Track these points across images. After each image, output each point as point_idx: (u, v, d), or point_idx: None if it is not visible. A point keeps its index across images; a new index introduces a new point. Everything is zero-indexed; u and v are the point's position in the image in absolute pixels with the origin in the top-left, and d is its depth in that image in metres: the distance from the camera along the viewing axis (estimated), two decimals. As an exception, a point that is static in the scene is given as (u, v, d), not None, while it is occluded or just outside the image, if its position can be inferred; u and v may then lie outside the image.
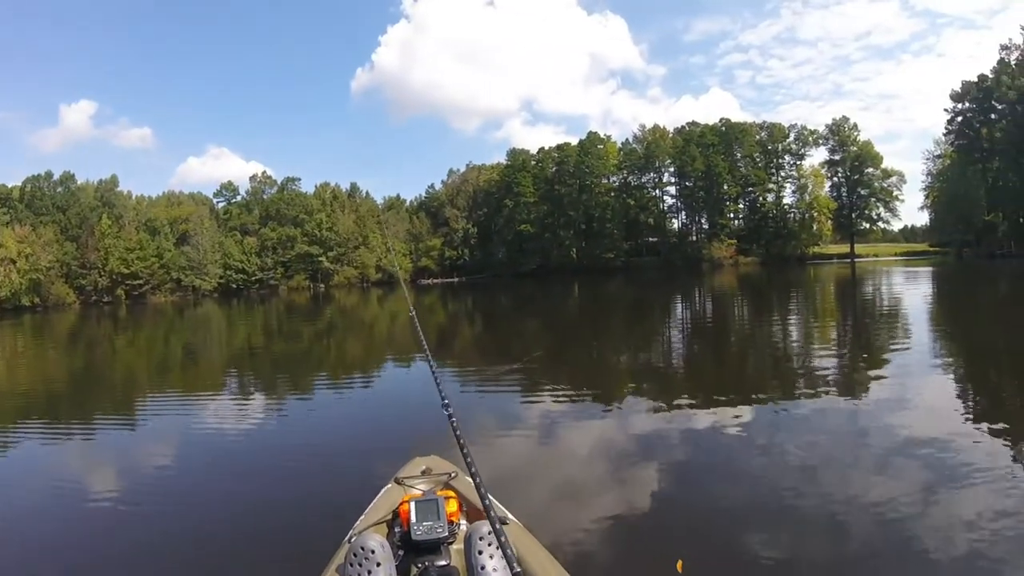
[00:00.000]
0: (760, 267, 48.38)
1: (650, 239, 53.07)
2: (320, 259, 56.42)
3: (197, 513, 3.83)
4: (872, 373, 8.09)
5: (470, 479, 2.21)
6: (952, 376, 7.93)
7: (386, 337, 17.04)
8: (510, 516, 2.27)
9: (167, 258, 54.01)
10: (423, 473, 2.70)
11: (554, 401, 6.88)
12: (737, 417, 5.68)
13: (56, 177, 57.15)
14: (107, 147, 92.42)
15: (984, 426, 5.34)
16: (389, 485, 2.57)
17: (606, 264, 50.72)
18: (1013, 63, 46.11)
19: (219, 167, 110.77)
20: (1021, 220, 47.80)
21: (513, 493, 3.26)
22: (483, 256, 55.98)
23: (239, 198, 64.29)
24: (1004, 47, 46.32)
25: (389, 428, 6.10)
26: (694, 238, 53.14)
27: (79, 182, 58.16)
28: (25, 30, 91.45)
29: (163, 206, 61.23)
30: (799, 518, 3.31)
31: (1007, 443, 4.80)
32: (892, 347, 10.09)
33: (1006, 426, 5.35)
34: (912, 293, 21.65)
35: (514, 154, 57.12)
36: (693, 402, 6.43)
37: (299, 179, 61.46)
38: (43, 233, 50.49)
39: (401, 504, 2.18)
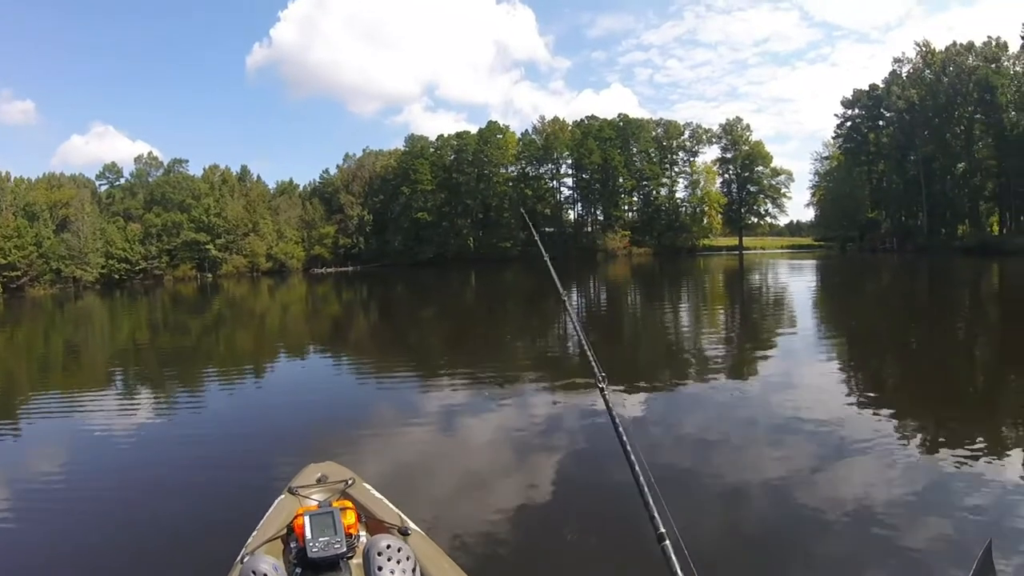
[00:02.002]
0: (652, 258, 52.32)
1: (547, 229, 57.04)
2: (208, 247, 57.26)
3: (74, 528, 3.67)
4: (759, 355, 8.90)
5: (369, 486, 2.40)
6: (835, 358, 8.70)
7: (278, 331, 17.29)
8: (411, 525, 2.23)
9: (46, 247, 53.13)
10: (318, 481, 2.62)
11: (453, 392, 7.12)
12: (630, 402, 6.01)
13: None
14: None
15: (865, 403, 5.98)
16: (282, 496, 2.49)
17: (503, 254, 54.21)
18: (904, 75, 53.44)
19: (103, 146, 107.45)
20: (902, 218, 54.52)
21: (413, 496, 3.37)
22: (379, 245, 58.20)
23: (123, 181, 65.07)
24: (897, 60, 54.00)
25: (282, 431, 5.95)
26: (589, 229, 58.23)
27: None
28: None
29: (43, 189, 60.74)
30: (692, 496, 3.54)
31: (886, 417, 5.37)
32: (778, 332, 11.08)
33: (881, 400, 6.13)
34: (797, 283, 24.10)
35: (413, 140, 61.01)
36: (587, 388, 6.60)
37: (187, 161, 61.87)
38: (-97, 209, 47.49)
39: (296, 518, 2.12)
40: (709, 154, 59.87)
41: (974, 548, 1.50)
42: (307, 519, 2.04)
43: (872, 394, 6.73)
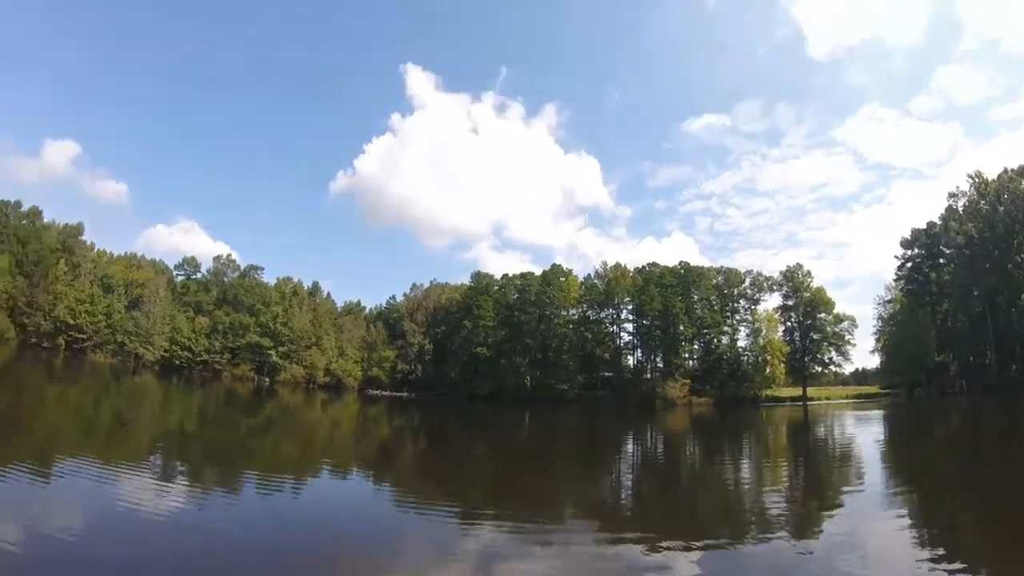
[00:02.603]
0: (713, 408, 52.55)
1: (605, 373, 58.69)
2: (270, 352, 60.53)
3: None
4: (824, 513, 8.76)
5: None
6: (903, 514, 8.46)
7: (324, 444, 17.73)
8: None
9: (115, 318, 57.53)
10: None
11: (494, 532, 7.03)
12: (687, 559, 5.99)
13: (24, 209, 60.08)
14: (81, 194, 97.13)
15: (935, 560, 5.77)
16: None
17: (559, 394, 55.37)
18: (960, 209, 53.94)
19: (186, 240, 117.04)
20: (970, 359, 53.04)
21: None
22: (436, 373, 60.47)
23: (199, 275, 69.97)
24: (952, 195, 54.56)
25: (305, 550, 5.93)
26: (648, 375, 58.91)
27: (45, 220, 63.16)
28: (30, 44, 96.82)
29: (122, 265, 67.48)
30: None
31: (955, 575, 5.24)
32: (844, 488, 10.97)
33: (951, 556, 5.91)
34: (863, 435, 23.94)
35: (479, 277, 64.41)
36: (641, 541, 6.62)
37: (262, 268, 66.79)
38: (-2, 260, 51.45)
39: None
40: (770, 302, 60.96)
41: None
42: None
43: (941, 550, 6.39)
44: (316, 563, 5.31)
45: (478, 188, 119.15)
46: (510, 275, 63.37)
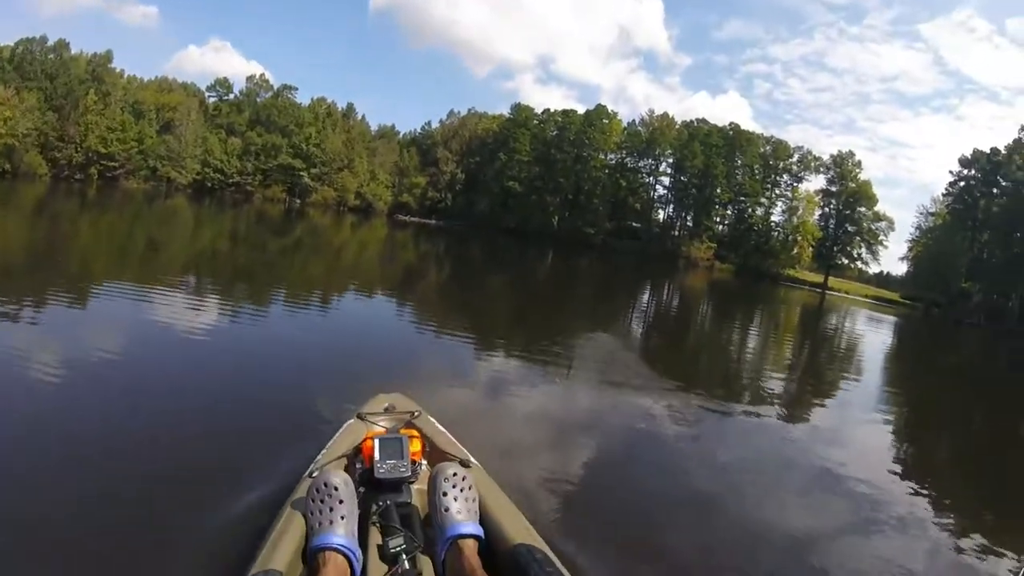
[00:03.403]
0: (733, 276, 53.77)
1: (633, 224, 60.44)
2: (302, 173, 62.12)
3: (143, 427, 3.68)
4: (817, 401, 9.10)
5: (434, 419, 2.77)
6: (892, 421, 8.68)
7: (352, 266, 18.46)
8: (472, 459, 2.48)
9: (147, 144, 59.07)
10: (386, 410, 2.89)
11: (511, 358, 7.68)
12: (678, 412, 6.40)
13: (51, 43, 61.05)
14: (109, 20, 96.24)
15: (910, 476, 5.91)
16: (351, 420, 2.74)
17: (585, 238, 57.14)
18: None
19: (218, 61, 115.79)
20: (995, 296, 54.18)
21: (475, 434, 3.61)
22: (465, 204, 62.15)
23: (232, 96, 70.16)
24: None
25: (353, 360, 6.36)
26: (676, 233, 60.69)
27: (73, 52, 62.30)
28: None
29: (153, 90, 66.12)
30: (713, 523, 3.77)
31: (928, 492, 5.42)
32: (841, 380, 11.26)
33: (927, 475, 6.12)
34: (873, 335, 24.26)
35: (518, 109, 64.14)
36: (639, 388, 7.11)
37: (296, 89, 67.27)
38: (26, 98, 53.22)
39: (365, 440, 2.38)
40: (813, 183, 61.10)
41: None
42: (376, 442, 2.25)
43: (920, 467, 6.71)
44: (356, 374, 5.64)
45: (528, 13, 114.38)
46: (551, 111, 63.49)
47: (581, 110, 62.81)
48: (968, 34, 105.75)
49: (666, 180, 61.49)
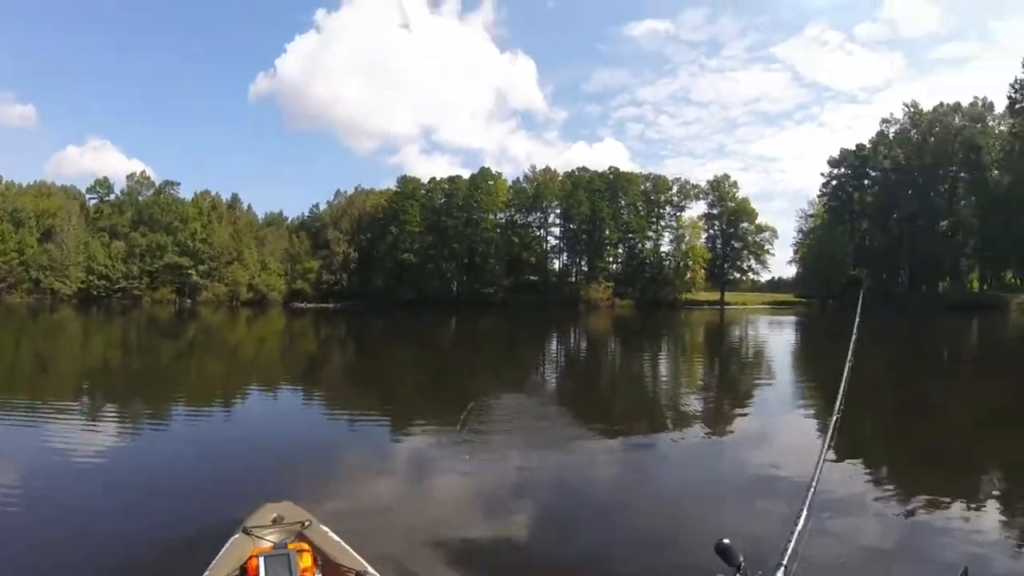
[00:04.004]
0: (635, 310, 60.27)
1: (531, 277, 69.46)
2: (190, 271, 64.74)
3: (15, 541, 3.97)
4: (738, 410, 10.12)
5: (327, 528, 2.75)
6: (812, 414, 9.75)
7: (250, 363, 19.13)
8: (371, 570, 2.40)
9: (28, 255, 58.20)
10: (274, 521, 2.82)
11: (418, 438, 8.09)
12: (607, 453, 6.99)
13: None
14: None
15: (840, 457, 6.62)
16: (236, 535, 2.66)
17: (485, 299, 64.16)
18: (891, 135, 64.02)
19: (98, 160, 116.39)
20: (883, 276, 64.40)
21: (374, 541, 3.61)
22: (361, 283, 67.28)
23: (113, 197, 73.32)
24: (885, 121, 65.32)
25: (241, 466, 6.54)
26: (573, 279, 71.03)
27: None
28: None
29: (32, 196, 72.56)
30: (664, 554, 3.95)
31: (860, 471, 6.29)
32: (756, 385, 12.78)
33: (856, 454, 6.87)
34: (776, 338, 28.13)
35: (405, 181, 73.52)
36: (566, 436, 7.72)
37: (178, 184, 70.80)
38: None
39: (249, 559, 2.25)
40: (695, 209, 71.77)
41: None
42: (261, 561, 2.14)
43: (847, 448, 7.34)
44: (245, 483, 5.62)
45: (408, 88, 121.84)
46: (438, 179, 74.69)
47: (467, 175, 72.65)
48: (821, 47, 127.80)
49: (556, 230, 73.32)
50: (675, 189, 69.04)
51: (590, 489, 5.64)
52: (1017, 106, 54.42)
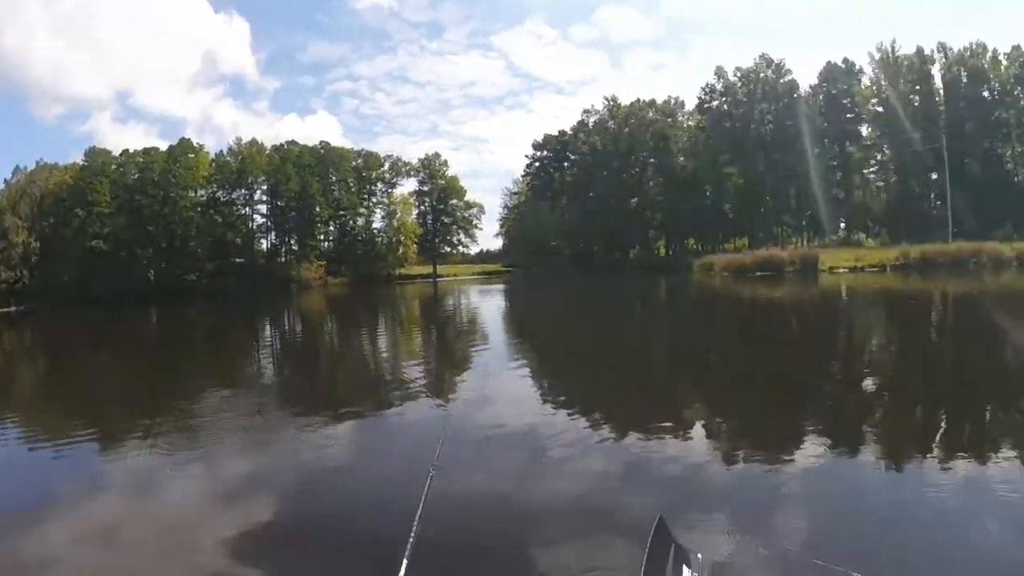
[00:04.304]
0: (348, 288, 70.47)
1: (237, 260, 75.74)
2: None
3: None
4: (458, 375, 12.60)
5: None
6: (526, 371, 12.91)
7: None
8: None
9: None
10: None
11: (142, 449, 8.34)
12: (335, 430, 8.50)
13: None
14: None
15: (556, 406, 9.41)
16: None
17: (188, 286, 69.37)
18: (591, 124, 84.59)
19: None
20: (581, 246, 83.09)
21: None
22: (44, 278, 67.66)
23: None
24: (586, 111, 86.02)
25: None
26: (283, 259, 78.28)
27: None
28: None
29: None
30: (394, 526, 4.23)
31: (571, 417, 8.92)
32: (473, 350, 15.99)
33: (568, 403, 9.73)
34: (487, 304, 37.34)
35: (94, 154, 74.63)
36: (292, 420, 9.18)
37: None
38: None
39: None
40: (407, 186, 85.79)
41: (646, 524, 2.87)
42: None
43: (562, 398, 9.81)
44: None
45: (103, 42, 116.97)
46: (131, 151, 75.16)
47: (164, 147, 76.17)
48: (537, 40, 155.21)
49: (263, 208, 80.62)
50: (387, 166, 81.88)
51: (307, 466, 7.14)
52: (705, 106, 77.18)
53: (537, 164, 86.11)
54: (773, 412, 9.89)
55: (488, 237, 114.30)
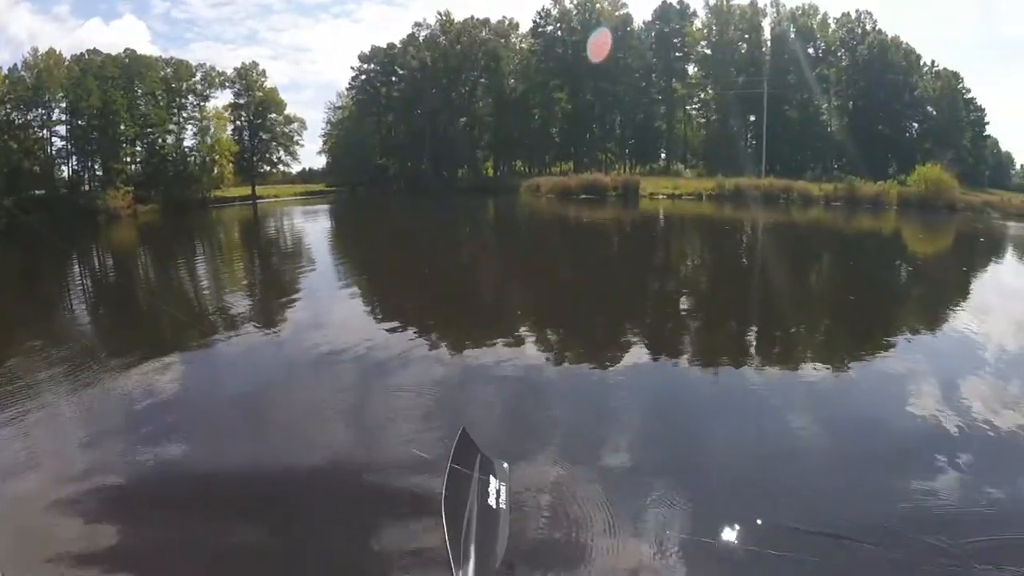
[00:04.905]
0: (160, 215, 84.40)
1: (36, 192, 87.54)
2: None
3: None
4: (286, 301, 16.30)
5: None
6: (356, 294, 17.79)
7: None
8: None
9: None
10: None
11: None
12: (155, 370, 10.87)
13: None
14: None
15: (388, 324, 13.88)
16: None
17: None
18: (422, 39, 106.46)
19: None
20: (408, 164, 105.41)
21: None
22: None
23: None
24: (418, 24, 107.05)
25: None
26: (87, 187, 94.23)
27: None
28: None
29: None
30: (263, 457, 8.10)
31: (400, 333, 13.71)
32: (299, 276, 20.95)
33: (400, 319, 14.71)
34: (312, 227, 48.87)
35: None
36: (109, 365, 11.40)
37: None
38: None
39: None
40: (222, 99, 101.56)
41: (449, 439, 6.08)
42: None
43: (395, 321, 13.13)
44: None
45: None
46: None
47: None
48: None
49: (62, 129, 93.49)
50: (199, 76, 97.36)
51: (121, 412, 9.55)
52: (539, 30, 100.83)
53: (363, 78, 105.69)
54: (595, 325, 15.13)
55: (310, 155, 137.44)
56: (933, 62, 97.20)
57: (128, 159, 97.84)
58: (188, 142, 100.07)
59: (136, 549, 6.77)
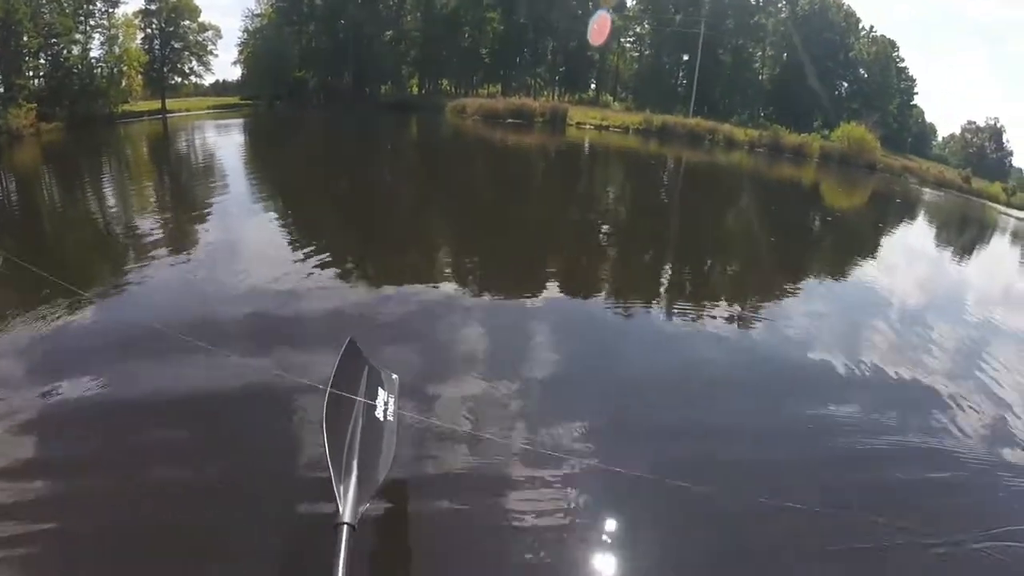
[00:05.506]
0: (66, 132, 76.70)
1: None
2: None
3: None
4: (199, 226, 15.87)
5: None
6: (272, 216, 16.76)
7: None
8: None
9: None
10: None
11: None
12: (68, 305, 10.47)
13: None
14: None
15: (303, 249, 13.15)
16: None
17: None
18: None
19: None
20: (329, 78, 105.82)
21: None
22: None
23: None
24: None
25: None
26: None
27: None
28: None
29: None
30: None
31: (317, 254, 13.46)
32: (212, 198, 19.83)
33: (313, 242, 14.20)
34: (225, 143, 46.18)
35: None
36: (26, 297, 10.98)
37: None
38: None
39: None
40: (131, 5, 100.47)
41: (338, 346, 5.64)
42: None
43: (312, 246, 13.27)
44: None
45: None
46: None
47: None
48: None
49: None
50: None
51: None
52: None
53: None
54: (510, 252, 15.72)
55: (225, 66, 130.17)
56: (872, 27, 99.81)
57: (31, 74, 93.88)
58: (95, 53, 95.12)
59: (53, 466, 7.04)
